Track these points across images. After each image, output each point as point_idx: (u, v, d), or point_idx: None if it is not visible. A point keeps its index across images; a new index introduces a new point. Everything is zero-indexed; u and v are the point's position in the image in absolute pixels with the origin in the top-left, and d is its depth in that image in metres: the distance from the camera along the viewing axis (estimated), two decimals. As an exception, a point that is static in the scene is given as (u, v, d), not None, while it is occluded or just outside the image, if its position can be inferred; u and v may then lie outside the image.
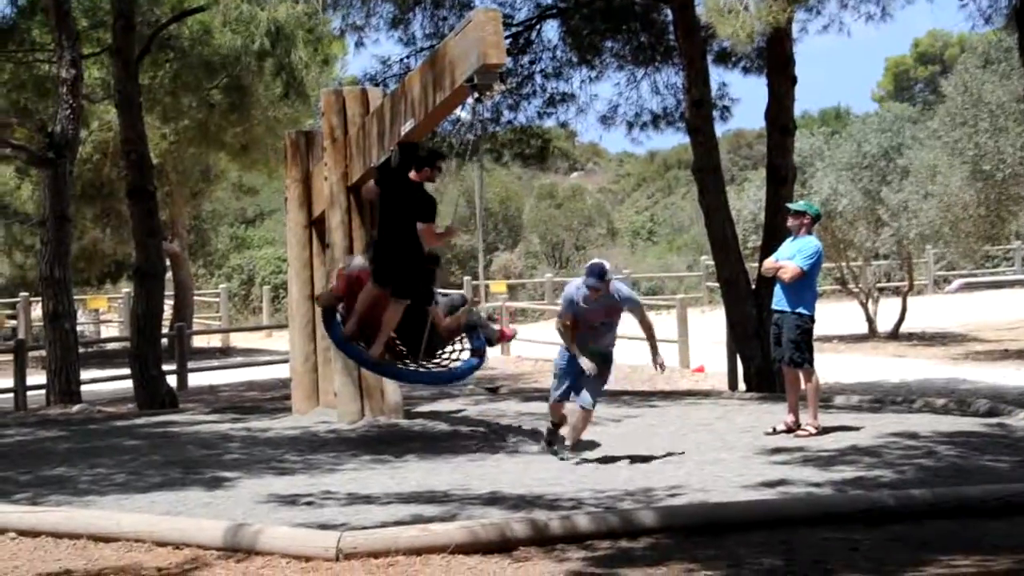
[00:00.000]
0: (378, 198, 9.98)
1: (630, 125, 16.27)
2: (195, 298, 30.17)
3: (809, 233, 9.68)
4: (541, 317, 31.28)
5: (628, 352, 19.78)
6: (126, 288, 29.92)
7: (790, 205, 10.14)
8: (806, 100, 77.15)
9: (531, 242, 42.42)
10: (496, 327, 10.59)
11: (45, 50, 17.56)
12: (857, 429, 9.53)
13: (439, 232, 9.81)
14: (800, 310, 9.44)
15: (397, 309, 9.54)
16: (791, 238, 9.72)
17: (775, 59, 13.63)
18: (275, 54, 19.83)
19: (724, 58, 15.55)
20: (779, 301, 9.57)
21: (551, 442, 8.97)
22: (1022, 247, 33.67)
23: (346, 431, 10.33)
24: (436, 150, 10.28)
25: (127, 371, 15.16)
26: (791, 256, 9.53)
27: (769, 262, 9.91)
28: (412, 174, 9.63)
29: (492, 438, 9.92)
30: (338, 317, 9.92)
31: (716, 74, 14.93)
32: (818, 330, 9.72)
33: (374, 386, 10.69)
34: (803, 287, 9.48)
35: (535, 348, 22.23)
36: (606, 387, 9.21)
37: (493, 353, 21.37)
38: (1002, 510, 6.36)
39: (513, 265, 39.24)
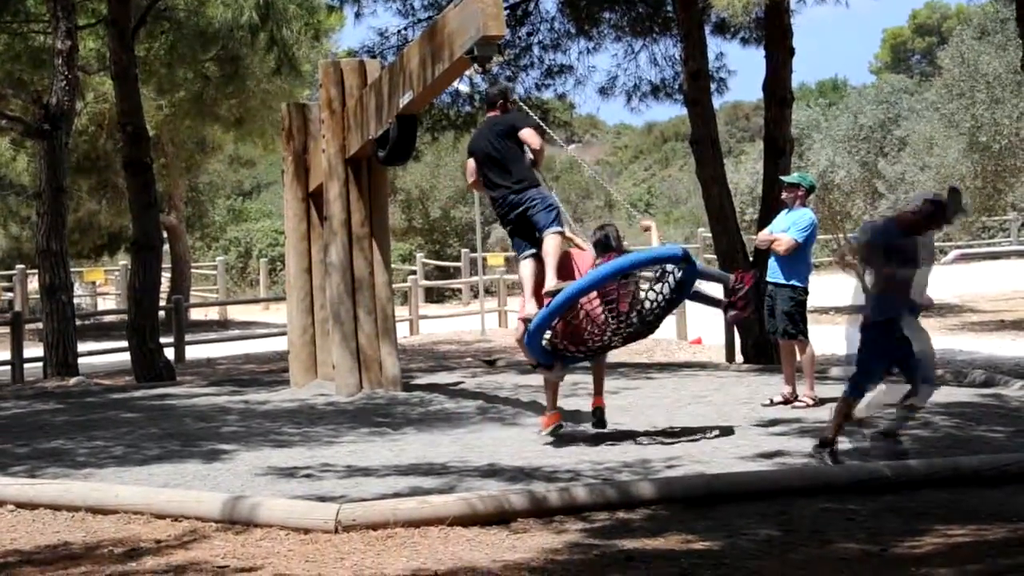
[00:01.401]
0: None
1: (628, 96, 16.23)
2: (192, 271, 30.15)
3: (804, 205, 9.68)
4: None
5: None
6: (123, 260, 29.90)
7: (784, 178, 10.15)
8: (803, 72, 77.11)
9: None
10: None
11: (40, 21, 17.45)
12: (854, 400, 9.55)
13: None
14: (793, 282, 9.46)
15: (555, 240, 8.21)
16: (786, 211, 9.72)
17: (773, 30, 13.58)
18: (266, 27, 19.70)
19: (722, 29, 15.48)
20: (773, 273, 9.59)
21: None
22: (1018, 218, 33.67)
23: (344, 403, 10.35)
24: (504, 87, 9.16)
25: (124, 344, 15.15)
26: (786, 228, 9.54)
27: (763, 235, 9.93)
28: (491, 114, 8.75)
29: (490, 410, 9.94)
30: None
31: (714, 45, 14.88)
32: (814, 301, 9.73)
33: (372, 358, 10.71)
34: (797, 259, 9.49)
35: (532, 320, 22.27)
36: None
37: (491, 324, 21.45)
38: (997, 480, 6.40)
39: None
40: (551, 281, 8.02)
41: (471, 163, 8.68)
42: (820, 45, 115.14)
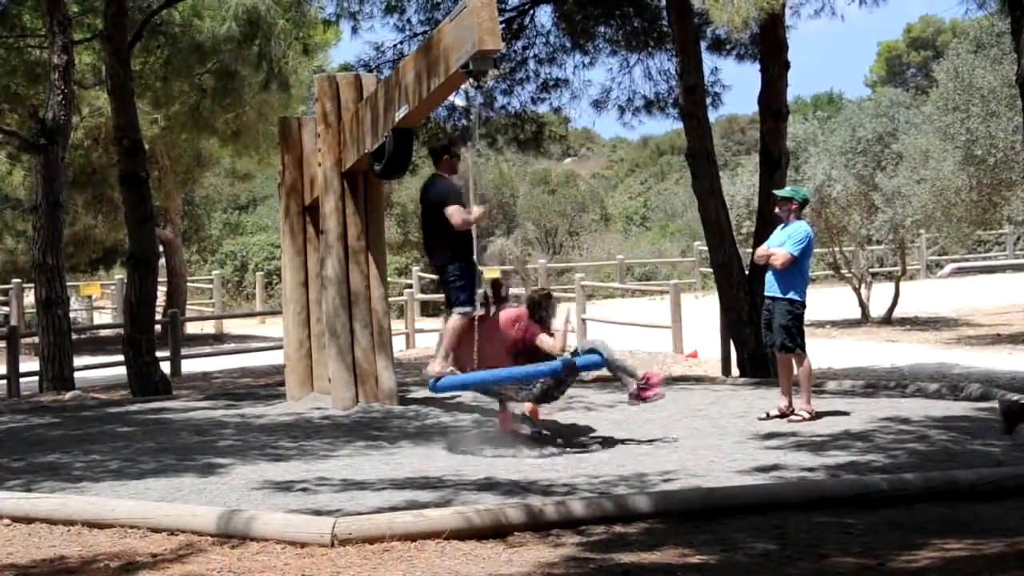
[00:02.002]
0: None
1: (622, 110, 16.27)
2: (188, 284, 30.14)
3: (799, 218, 9.71)
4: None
5: (624, 338, 19.81)
6: (119, 274, 29.88)
7: (776, 193, 10.13)
8: (799, 85, 77.37)
9: (527, 228, 42.41)
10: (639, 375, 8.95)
11: (36, 35, 17.48)
12: (850, 414, 9.57)
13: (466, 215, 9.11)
14: (791, 295, 9.47)
15: (459, 322, 8.90)
16: (782, 225, 9.74)
17: (768, 44, 13.62)
18: (255, 42, 19.74)
19: (718, 46, 15.55)
20: (770, 287, 9.61)
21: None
22: (1014, 232, 33.73)
23: (340, 417, 10.34)
24: (448, 140, 9.74)
25: (120, 358, 15.14)
26: (781, 243, 9.56)
27: (761, 250, 9.95)
28: (441, 169, 9.41)
29: (485, 423, 9.92)
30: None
31: (709, 60, 14.88)
32: (811, 315, 9.76)
33: (368, 372, 10.70)
34: (793, 273, 9.51)
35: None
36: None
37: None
38: (994, 494, 6.40)
39: (509, 251, 39.24)
40: (436, 360, 8.95)
41: None
42: (815, 59, 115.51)
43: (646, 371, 9.15)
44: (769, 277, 9.65)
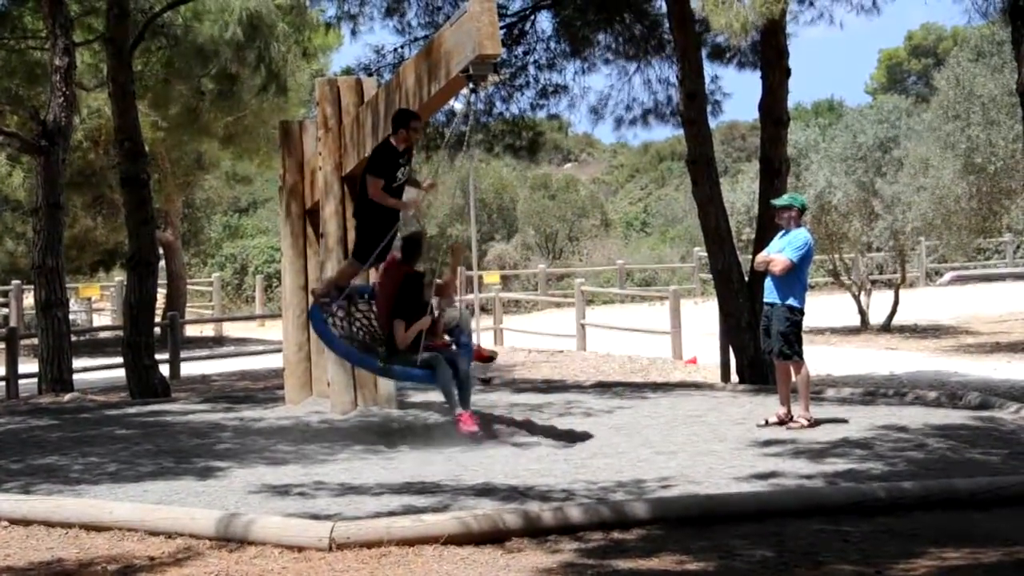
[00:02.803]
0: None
1: (619, 121, 16.28)
2: (188, 287, 30.13)
3: (799, 225, 9.71)
4: (534, 308, 31.32)
5: (624, 343, 19.80)
6: (119, 276, 29.87)
7: (775, 201, 10.09)
8: (800, 92, 77.40)
9: (527, 233, 42.43)
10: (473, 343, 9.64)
11: (37, 37, 17.49)
12: (848, 421, 9.57)
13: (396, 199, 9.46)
14: (790, 302, 9.48)
15: (349, 266, 9.79)
16: (782, 232, 9.74)
17: (769, 51, 13.61)
18: (254, 45, 19.76)
19: (719, 54, 15.55)
20: (769, 294, 9.61)
21: None
22: (1014, 240, 33.74)
23: (339, 421, 10.34)
24: (405, 109, 9.73)
25: (119, 360, 15.13)
26: (781, 249, 9.56)
27: (761, 257, 9.94)
28: (392, 139, 9.46)
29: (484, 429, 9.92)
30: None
31: (709, 68, 14.88)
32: (810, 322, 9.77)
33: (367, 376, 10.69)
34: (793, 280, 9.51)
35: (528, 339, 22.27)
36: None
37: (486, 342, 21.43)
38: (992, 503, 6.40)
39: (508, 256, 39.25)
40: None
41: None
42: (816, 66, 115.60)
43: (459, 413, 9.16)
44: (768, 284, 9.66)
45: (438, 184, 10.31)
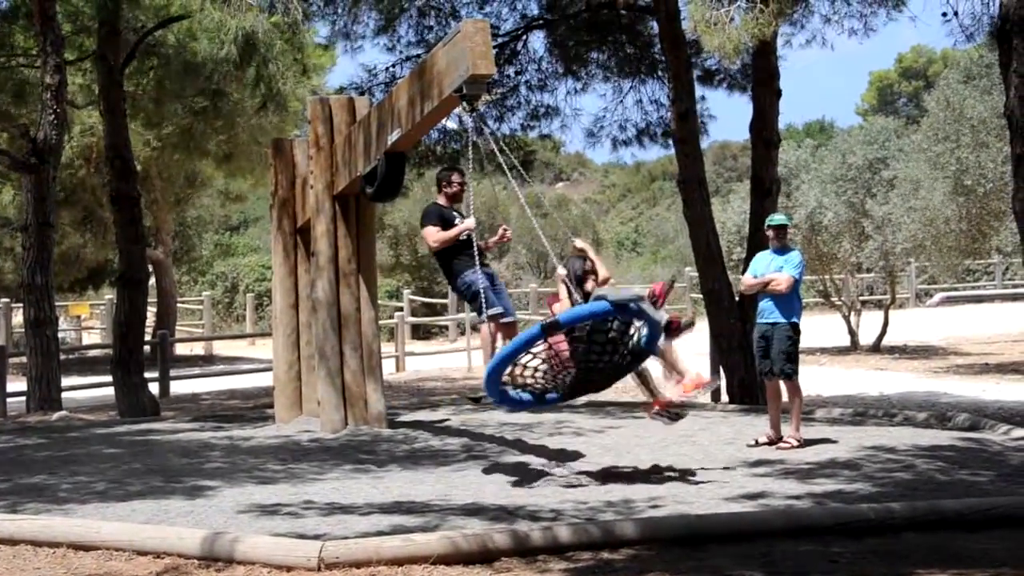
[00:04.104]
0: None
1: (614, 142, 16.35)
2: (178, 305, 30.09)
3: (789, 245, 9.78)
4: (524, 326, 31.32)
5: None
6: (108, 294, 29.82)
7: (771, 221, 10.03)
8: (791, 113, 77.69)
9: (518, 252, 42.44)
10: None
11: (28, 55, 17.50)
12: (838, 442, 9.58)
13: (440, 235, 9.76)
14: (793, 320, 9.51)
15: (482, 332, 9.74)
16: (771, 251, 9.75)
17: (760, 72, 13.68)
18: (251, 63, 19.77)
19: (709, 77, 15.63)
20: (770, 313, 9.58)
21: None
22: (1003, 262, 33.84)
23: (329, 440, 10.32)
24: (441, 168, 10.56)
25: (109, 378, 15.10)
26: (779, 268, 9.57)
27: (748, 279, 9.89)
28: (438, 199, 10.16)
29: (474, 448, 9.91)
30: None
31: (700, 90, 14.96)
32: (801, 342, 9.78)
33: (357, 395, 10.68)
34: (793, 298, 9.56)
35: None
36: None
37: (476, 361, 21.45)
38: (981, 524, 6.40)
39: (500, 275, 39.27)
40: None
41: None
42: (807, 87, 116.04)
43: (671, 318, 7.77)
44: (767, 303, 9.62)
45: (508, 235, 10.62)
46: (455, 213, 9.99)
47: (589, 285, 8.59)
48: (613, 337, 7.63)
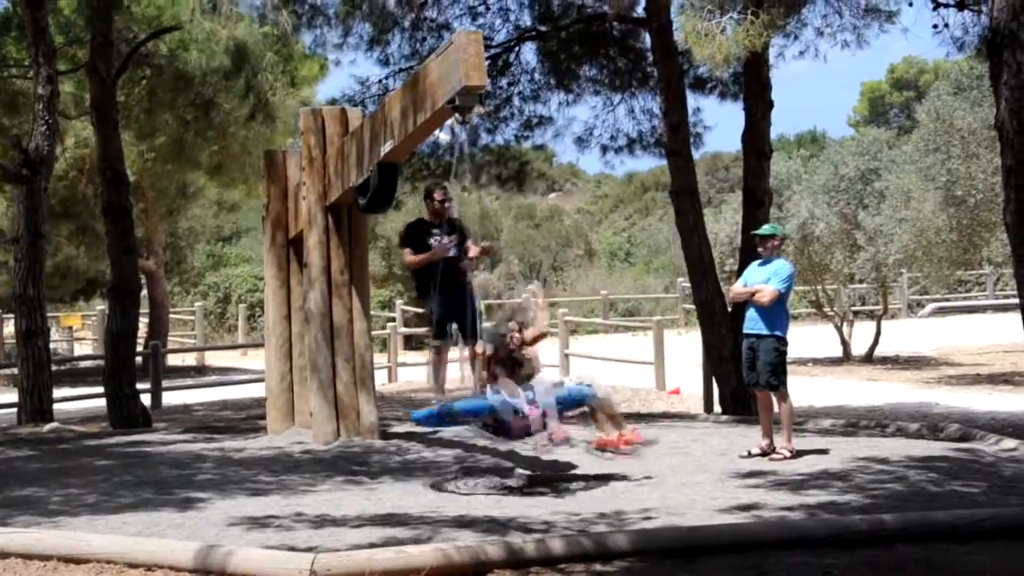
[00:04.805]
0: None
1: (604, 149, 16.35)
2: (170, 316, 30.04)
3: (779, 255, 9.76)
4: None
5: (607, 373, 19.78)
6: (100, 305, 29.76)
7: (758, 232, 10.11)
8: (783, 123, 77.85)
9: (511, 263, 42.47)
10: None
11: (20, 66, 17.49)
12: (830, 453, 9.58)
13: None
14: (777, 332, 9.50)
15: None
16: (760, 262, 9.77)
17: (752, 84, 13.72)
18: (241, 74, 19.80)
19: (700, 85, 15.66)
20: (755, 325, 9.60)
21: None
22: (994, 272, 33.93)
23: (321, 452, 10.29)
24: (427, 186, 10.92)
25: (100, 389, 15.06)
26: (766, 279, 9.58)
27: (738, 288, 9.94)
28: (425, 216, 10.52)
29: (467, 459, 9.90)
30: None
31: (692, 100, 14.97)
32: (792, 353, 9.79)
33: (349, 407, 10.66)
34: (779, 310, 9.54)
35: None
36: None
37: (469, 372, 21.42)
38: (973, 535, 6.40)
39: (492, 285, 39.24)
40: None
41: None
42: (799, 98, 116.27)
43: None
44: (752, 314, 9.65)
45: (494, 249, 10.73)
46: (436, 230, 10.09)
47: (527, 351, 9.04)
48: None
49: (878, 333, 22.76)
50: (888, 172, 21.58)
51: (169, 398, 18.82)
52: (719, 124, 17.09)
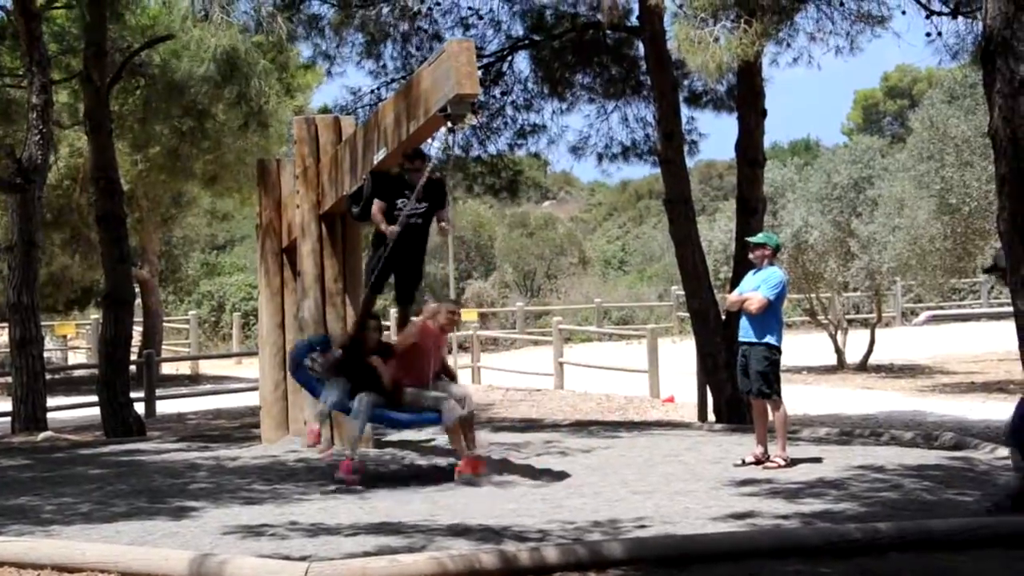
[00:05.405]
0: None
1: (600, 157, 16.36)
2: (164, 324, 29.99)
3: (772, 264, 9.75)
4: (512, 346, 31.31)
5: (601, 382, 19.79)
6: (94, 314, 29.73)
7: (750, 239, 10.14)
8: (776, 131, 77.94)
9: (505, 271, 42.49)
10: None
11: (14, 75, 17.48)
12: (824, 461, 9.58)
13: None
14: (768, 340, 9.49)
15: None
16: (754, 271, 9.78)
17: (745, 92, 13.74)
18: (232, 83, 19.76)
19: (695, 99, 15.70)
20: (746, 333, 9.61)
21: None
22: (988, 280, 33.97)
23: (315, 460, 10.28)
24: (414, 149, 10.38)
25: (94, 398, 15.04)
26: (755, 287, 9.58)
27: (733, 297, 9.95)
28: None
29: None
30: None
31: (685, 111, 15.00)
32: (787, 361, 9.79)
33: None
34: (769, 318, 9.52)
35: (505, 377, 22.24)
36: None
37: (463, 380, 21.41)
38: (967, 544, 6.40)
39: (486, 294, 39.26)
40: None
41: None
42: (793, 106, 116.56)
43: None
44: (744, 323, 9.66)
45: (446, 228, 10.46)
46: (407, 191, 9.74)
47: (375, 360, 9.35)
48: None
49: (872, 341, 22.78)
50: (882, 180, 21.61)
51: (163, 407, 18.79)
52: (713, 133, 17.16)
